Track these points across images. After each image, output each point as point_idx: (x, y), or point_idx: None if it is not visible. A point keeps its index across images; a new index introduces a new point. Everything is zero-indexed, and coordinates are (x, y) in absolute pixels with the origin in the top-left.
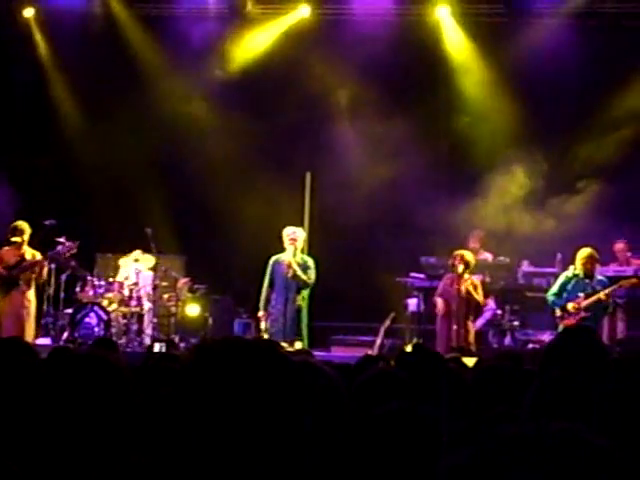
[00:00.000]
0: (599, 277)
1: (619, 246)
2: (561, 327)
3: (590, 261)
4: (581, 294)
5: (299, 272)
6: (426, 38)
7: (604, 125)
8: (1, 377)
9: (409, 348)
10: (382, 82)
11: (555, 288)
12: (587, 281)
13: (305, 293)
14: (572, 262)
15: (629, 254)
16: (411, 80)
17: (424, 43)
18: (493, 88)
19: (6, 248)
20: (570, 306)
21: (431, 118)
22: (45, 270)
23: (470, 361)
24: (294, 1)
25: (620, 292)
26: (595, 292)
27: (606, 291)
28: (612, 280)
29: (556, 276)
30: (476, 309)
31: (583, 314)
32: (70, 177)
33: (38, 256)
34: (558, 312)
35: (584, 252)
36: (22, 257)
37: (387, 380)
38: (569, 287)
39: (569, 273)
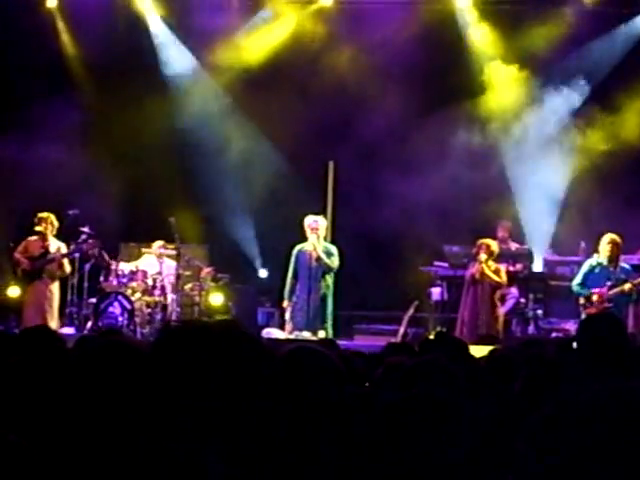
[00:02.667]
0: (623, 265)
1: None
2: (584, 316)
3: (613, 248)
4: (607, 283)
5: (323, 256)
6: (447, 26)
7: (628, 110)
8: (29, 364)
9: (432, 336)
10: (404, 71)
11: (579, 277)
12: (611, 269)
13: (329, 280)
14: (596, 250)
15: None
16: (433, 68)
17: (445, 31)
18: (514, 75)
19: (32, 238)
20: (595, 297)
21: (456, 106)
22: (65, 266)
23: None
24: None
25: None
26: (619, 283)
27: (628, 285)
28: (636, 268)
29: (580, 264)
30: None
31: (607, 304)
32: (92, 166)
33: (63, 248)
34: (582, 300)
35: (607, 239)
36: (46, 249)
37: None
38: (593, 275)
39: (593, 261)
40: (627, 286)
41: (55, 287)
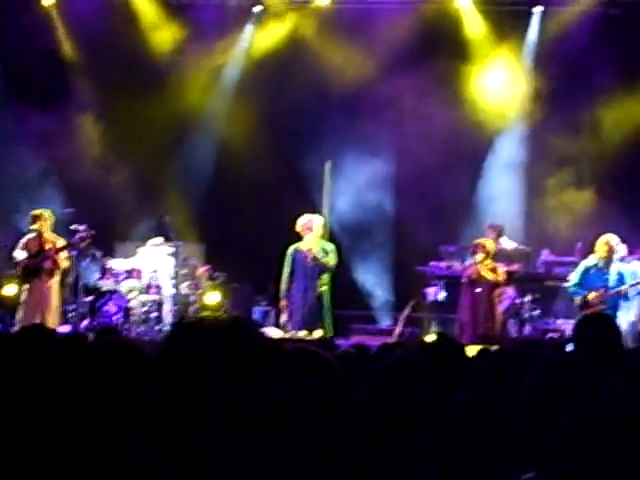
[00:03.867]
0: (618, 267)
1: None
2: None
3: (607, 248)
4: (603, 285)
5: (319, 256)
6: (446, 27)
7: (625, 114)
8: (25, 364)
9: (429, 336)
10: (401, 71)
11: (575, 278)
12: (604, 268)
13: (326, 279)
14: (592, 251)
15: None
16: (431, 69)
17: (444, 32)
18: (513, 76)
19: (29, 236)
20: (591, 297)
21: (452, 107)
22: (61, 260)
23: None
24: None
25: None
26: (614, 285)
27: (623, 287)
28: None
29: (576, 265)
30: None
31: (603, 306)
32: (89, 165)
33: (60, 242)
34: (578, 301)
35: (602, 239)
36: (42, 247)
37: (407, 366)
38: (589, 276)
39: (589, 262)
40: (624, 287)
41: (54, 283)
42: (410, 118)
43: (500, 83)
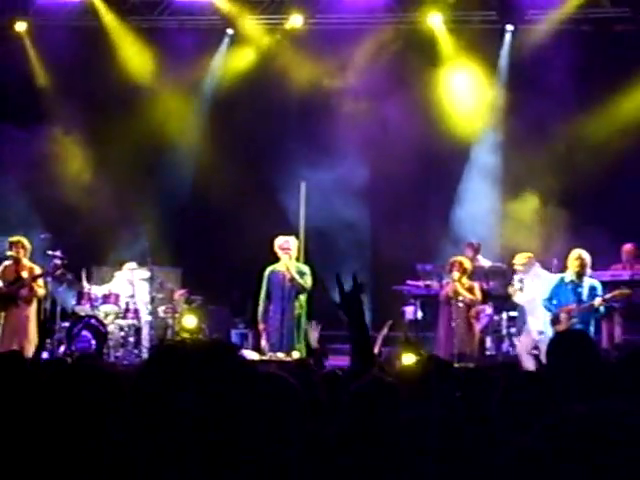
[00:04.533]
0: (591, 281)
1: (627, 247)
2: (552, 332)
3: (579, 263)
4: (575, 299)
5: (296, 277)
6: (419, 45)
7: (596, 130)
8: (3, 389)
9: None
10: (376, 89)
11: (548, 292)
12: (577, 283)
13: (303, 300)
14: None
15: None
16: (405, 86)
17: (417, 50)
18: (485, 93)
19: (6, 263)
20: (562, 314)
21: (425, 123)
22: (38, 287)
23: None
24: (286, 11)
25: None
26: (587, 300)
27: (598, 300)
28: (605, 285)
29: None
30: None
31: (574, 320)
32: (64, 191)
33: (37, 270)
34: (549, 317)
35: (574, 254)
36: (19, 274)
37: (379, 388)
38: (561, 291)
39: (562, 277)
40: (597, 301)
41: (31, 311)
42: (384, 135)
43: (472, 98)
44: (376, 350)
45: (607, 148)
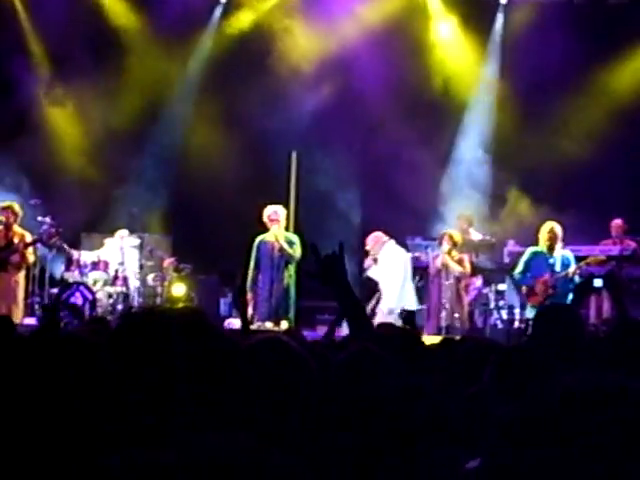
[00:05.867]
0: (563, 252)
1: (616, 222)
2: (529, 305)
3: (551, 235)
4: (548, 271)
5: (285, 246)
6: (413, 18)
7: (591, 104)
8: None
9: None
10: (369, 62)
11: (520, 265)
12: (549, 256)
13: (292, 270)
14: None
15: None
16: (398, 60)
17: (411, 23)
18: (480, 69)
19: None
20: (538, 285)
21: (419, 98)
22: (29, 254)
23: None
24: None
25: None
26: (561, 270)
27: (572, 268)
28: (580, 259)
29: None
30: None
31: (550, 292)
32: (53, 156)
33: (28, 237)
34: (524, 289)
35: (545, 227)
36: (10, 240)
37: (368, 357)
38: (534, 262)
39: (534, 249)
40: (571, 269)
41: (20, 277)
42: (375, 108)
43: (465, 72)
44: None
45: (598, 125)
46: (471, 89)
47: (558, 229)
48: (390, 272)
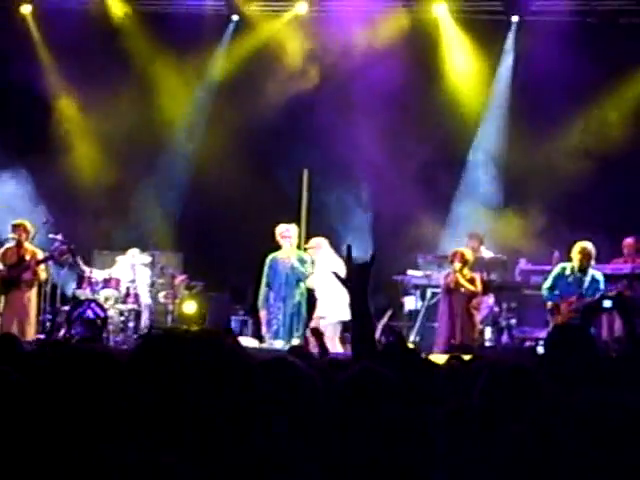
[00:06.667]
0: (594, 274)
1: (628, 241)
2: (551, 322)
3: (583, 256)
4: (577, 292)
5: (297, 264)
6: (424, 36)
7: (603, 122)
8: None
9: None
10: (379, 80)
11: (549, 281)
12: (580, 275)
13: (304, 288)
14: (569, 259)
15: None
16: (409, 77)
17: (422, 40)
18: (490, 86)
19: (7, 246)
20: (563, 306)
21: (429, 115)
22: (41, 271)
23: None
24: None
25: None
26: (590, 293)
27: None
28: (607, 278)
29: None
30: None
31: (573, 315)
32: (66, 174)
33: (39, 255)
34: (549, 305)
35: (578, 246)
36: (22, 257)
37: (370, 377)
38: (563, 281)
39: (564, 267)
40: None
41: (32, 295)
42: (386, 122)
43: (476, 89)
44: (377, 337)
45: (610, 144)
46: (482, 106)
47: (591, 249)
48: (326, 277)
